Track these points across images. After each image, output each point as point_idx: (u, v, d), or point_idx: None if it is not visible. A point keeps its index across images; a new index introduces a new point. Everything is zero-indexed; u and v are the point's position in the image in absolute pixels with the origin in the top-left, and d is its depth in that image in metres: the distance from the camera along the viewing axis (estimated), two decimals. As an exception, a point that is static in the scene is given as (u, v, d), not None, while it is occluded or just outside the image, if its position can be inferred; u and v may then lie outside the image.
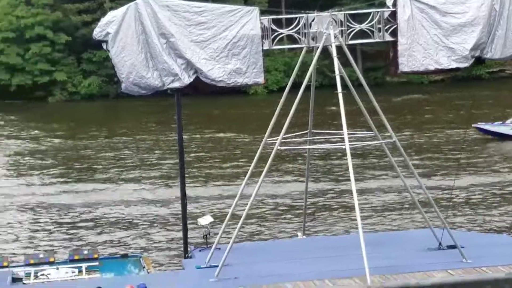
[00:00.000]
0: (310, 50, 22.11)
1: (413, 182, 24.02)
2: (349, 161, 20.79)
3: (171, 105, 28.30)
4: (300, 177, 39.67)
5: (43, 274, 23.41)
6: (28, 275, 23.34)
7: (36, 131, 60.42)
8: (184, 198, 24.25)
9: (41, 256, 24.95)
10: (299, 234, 27.01)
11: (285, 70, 78.47)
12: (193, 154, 47.67)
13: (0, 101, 78.56)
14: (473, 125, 49.86)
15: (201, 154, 48.31)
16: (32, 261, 24.30)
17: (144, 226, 33.25)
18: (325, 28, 21.62)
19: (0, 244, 31.68)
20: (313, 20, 21.85)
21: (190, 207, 28.32)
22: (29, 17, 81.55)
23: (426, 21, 22.63)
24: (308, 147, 24.95)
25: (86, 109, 74.91)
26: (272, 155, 21.41)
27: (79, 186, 42.01)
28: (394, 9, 22.39)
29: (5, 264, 24.09)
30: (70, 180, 43.84)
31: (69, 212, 36.18)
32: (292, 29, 21.97)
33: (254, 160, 22.08)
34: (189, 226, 25.16)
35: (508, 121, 49.69)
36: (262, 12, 22.14)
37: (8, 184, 43.65)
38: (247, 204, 22.11)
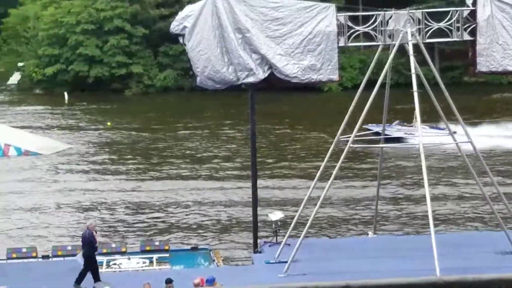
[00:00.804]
0: (386, 48, 21.95)
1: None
2: (423, 160, 20.57)
3: (244, 100, 28.42)
4: (370, 176, 39.41)
5: (114, 264, 23.83)
6: (100, 264, 23.75)
7: (112, 123, 61.29)
8: (255, 193, 24.34)
9: (113, 245, 25.39)
10: (370, 232, 26.84)
11: (360, 67, 77.78)
12: (264, 150, 47.70)
13: (78, 92, 79.94)
14: (363, 126, 47.91)
15: (272, 149, 48.29)
16: (104, 250, 24.75)
17: (215, 220, 33.45)
18: (402, 26, 21.43)
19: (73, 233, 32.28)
20: (390, 18, 21.67)
21: (261, 203, 28.29)
22: (108, 10, 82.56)
23: (506, 21, 22.20)
24: (381, 145, 24.78)
25: (161, 102, 75.58)
26: (344, 153, 21.32)
27: (153, 178, 42.51)
28: (473, 8, 22.04)
29: (78, 252, 24.58)
30: (144, 172, 44.37)
31: (142, 204, 36.66)
32: (368, 26, 21.83)
33: (326, 157, 22.03)
34: (259, 221, 25.23)
35: (393, 124, 49.59)
36: (339, 9, 22.05)
37: (83, 174, 44.42)
38: (317, 201, 22.06)
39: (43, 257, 24.78)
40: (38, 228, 33.20)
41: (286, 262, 21.61)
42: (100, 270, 23.35)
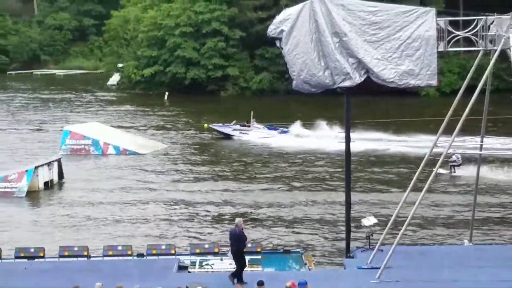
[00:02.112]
0: (487, 53, 21.45)
1: None
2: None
3: (339, 103, 28.26)
4: (466, 186, 38.65)
5: (207, 264, 24.03)
6: (193, 263, 24.03)
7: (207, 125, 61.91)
8: (348, 197, 24.19)
9: (206, 246, 25.63)
10: (466, 241, 26.30)
11: (459, 72, 76.37)
12: (357, 154, 47.26)
13: (175, 94, 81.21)
14: (209, 126, 58.68)
15: (365, 154, 47.82)
16: (197, 251, 25.03)
17: (307, 224, 33.37)
18: (504, 31, 20.90)
19: (165, 233, 32.71)
20: (492, 23, 21.18)
21: (353, 208, 28.10)
22: (207, 13, 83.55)
23: None
24: (479, 152, 24.24)
25: (256, 104, 75.92)
26: (441, 159, 20.94)
27: (247, 179, 42.75)
28: None
29: (172, 252, 24.95)
30: (238, 173, 44.64)
31: (230, 206, 36.81)
32: (469, 31, 21.39)
33: (422, 163, 21.69)
34: (352, 227, 25.06)
35: (231, 124, 57.68)
36: (438, 13, 21.68)
37: (179, 174, 44.99)
38: (411, 207, 21.76)
39: (138, 255, 25.22)
40: (135, 226, 33.77)
41: (379, 268, 21.38)
42: (193, 270, 23.64)
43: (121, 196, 39.36)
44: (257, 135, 56.20)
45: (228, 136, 56.86)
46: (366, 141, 48.75)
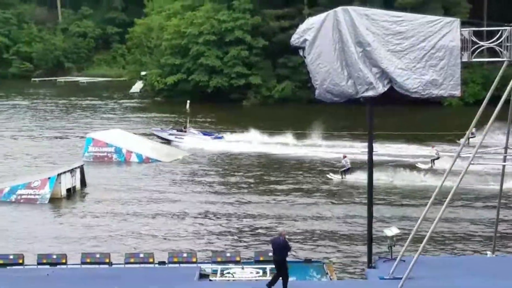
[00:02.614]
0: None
1: None
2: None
3: (361, 113, 28.18)
4: (490, 198, 38.38)
5: (228, 273, 24.00)
6: (214, 272, 24.02)
7: (228, 133, 61.95)
8: (370, 207, 24.09)
9: (228, 254, 25.61)
10: (489, 252, 26.12)
11: (483, 82, 75.99)
12: (382, 161, 47.19)
13: (197, 102, 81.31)
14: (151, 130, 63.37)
15: (387, 164, 47.63)
16: (219, 259, 25.00)
17: (328, 234, 33.29)
18: (529, 42, 20.78)
19: (184, 241, 32.75)
20: (516, 33, 21.05)
21: (375, 219, 28.00)
22: (230, 21, 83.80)
23: None
24: (503, 163, 24.07)
25: (279, 113, 76.06)
26: (464, 171, 20.82)
27: (267, 190, 42.75)
28: None
29: (194, 260, 24.96)
30: (259, 183, 44.62)
31: (256, 215, 36.79)
32: (493, 41, 21.26)
33: (445, 174, 21.58)
34: (374, 237, 24.95)
35: (167, 129, 62.32)
36: (463, 24, 21.58)
37: (198, 184, 45.06)
38: (434, 218, 21.64)
39: (160, 263, 25.26)
40: (156, 234, 33.84)
41: (401, 278, 21.27)
42: (214, 279, 23.64)
43: (143, 204, 39.47)
44: (191, 140, 58.57)
45: (167, 141, 59.30)
46: (387, 149, 48.78)
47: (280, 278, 21.49)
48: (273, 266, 24.10)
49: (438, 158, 48.39)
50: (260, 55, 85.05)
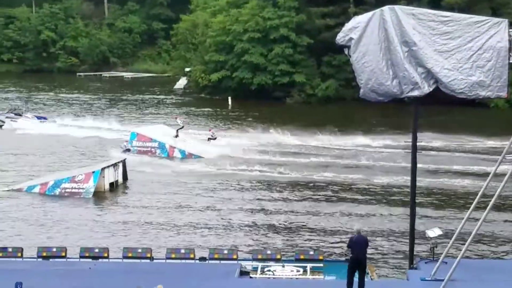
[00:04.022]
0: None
1: None
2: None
3: (406, 113, 27.99)
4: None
5: (269, 270, 24.01)
6: (255, 269, 24.04)
7: (271, 131, 61.97)
8: (413, 207, 23.92)
9: (269, 252, 25.62)
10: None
11: (530, 84, 75.02)
12: (422, 164, 46.75)
13: (241, 99, 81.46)
14: None
15: (430, 164, 47.22)
16: (259, 256, 25.02)
17: (371, 233, 33.10)
18: None
19: (225, 238, 32.82)
20: None
21: (418, 220, 27.76)
22: (275, 19, 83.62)
23: None
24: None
25: (322, 111, 75.82)
26: (509, 172, 20.53)
27: (309, 189, 42.67)
28: None
29: (235, 257, 25.02)
30: (301, 183, 44.56)
31: (292, 215, 36.68)
32: (542, 43, 20.95)
33: (490, 176, 21.31)
34: (416, 237, 24.76)
35: (4, 112, 68.67)
36: (511, 24, 21.29)
37: (240, 179, 45.08)
38: (477, 220, 21.39)
39: (200, 259, 25.35)
40: (196, 230, 33.98)
41: (443, 280, 21.08)
42: (254, 276, 23.65)
43: (184, 200, 39.64)
44: (24, 123, 64.96)
45: (2, 122, 66.37)
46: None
47: (356, 274, 21.44)
48: (314, 264, 24.10)
49: (214, 138, 55.25)
50: (304, 53, 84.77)
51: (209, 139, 55.81)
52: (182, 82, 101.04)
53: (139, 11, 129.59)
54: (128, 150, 52.68)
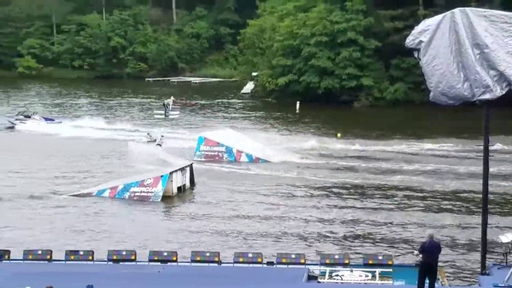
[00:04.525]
0: None
1: None
2: None
3: (476, 116, 27.50)
4: None
5: (337, 275, 23.86)
6: (323, 274, 23.91)
7: (338, 135, 61.63)
8: (485, 213, 23.49)
9: (337, 257, 25.46)
10: None
11: None
12: (494, 168, 45.90)
13: (308, 103, 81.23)
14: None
15: (502, 168, 46.30)
16: (327, 261, 24.89)
17: (443, 238, 32.62)
18: None
19: (294, 244, 32.72)
20: None
21: (490, 224, 27.24)
22: (343, 22, 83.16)
23: None
24: None
25: (391, 115, 75.16)
26: None
27: (374, 194, 42.30)
28: None
29: (302, 261, 24.94)
30: (366, 187, 44.18)
31: (360, 221, 36.32)
32: None
33: None
34: (488, 242, 24.31)
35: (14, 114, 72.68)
36: None
37: (308, 185, 44.94)
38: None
39: (268, 263, 25.32)
40: (263, 235, 33.97)
41: (516, 287, 20.67)
42: (322, 280, 23.52)
43: (250, 205, 39.63)
44: (32, 124, 68.41)
45: (12, 124, 69.55)
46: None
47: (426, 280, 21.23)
48: (383, 269, 23.86)
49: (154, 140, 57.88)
50: (372, 56, 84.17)
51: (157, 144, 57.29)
52: (249, 87, 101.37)
53: (207, 16, 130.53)
54: (159, 145, 55.97)
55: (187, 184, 43.95)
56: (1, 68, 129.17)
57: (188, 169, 44.30)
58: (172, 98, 77.83)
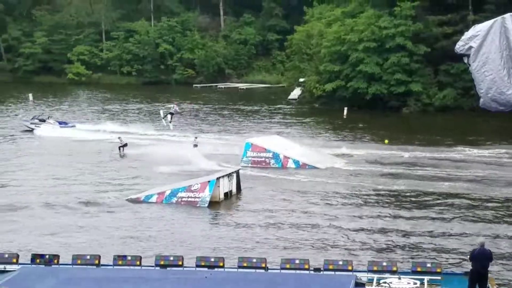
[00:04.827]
0: None
1: None
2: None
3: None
4: None
5: (385, 282, 23.62)
6: (370, 281, 23.70)
7: (386, 141, 61.25)
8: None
9: (384, 264, 25.20)
10: None
11: None
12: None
13: (355, 109, 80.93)
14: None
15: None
16: (375, 268, 24.62)
17: (493, 245, 32.15)
18: None
19: (341, 251, 32.52)
20: None
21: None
22: (391, 28, 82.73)
23: None
24: None
25: (439, 121, 74.49)
26: None
27: (421, 205, 41.88)
28: None
29: (349, 268, 24.72)
30: (412, 196, 43.78)
31: (409, 230, 35.95)
32: None
33: None
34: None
35: (30, 118, 74.88)
36: None
37: (356, 192, 44.66)
38: None
39: (315, 269, 25.19)
40: (313, 242, 33.84)
41: None
42: (370, 287, 23.34)
43: (298, 212, 39.44)
44: (46, 128, 70.12)
45: (30, 129, 71.13)
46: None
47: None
48: (432, 277, 23.56)
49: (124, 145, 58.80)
50: (421, 62, 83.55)
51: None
52: (296, 93, 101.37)
53: (255, 22, 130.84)
54: (196, 145, 57.80)
55: (234, 190, 44.01)
56: (52, 74, 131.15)
57: (234, 175, 44.38)
58: (175, 105, 77.13)
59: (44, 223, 37.35)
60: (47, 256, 25.98)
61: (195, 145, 57.96)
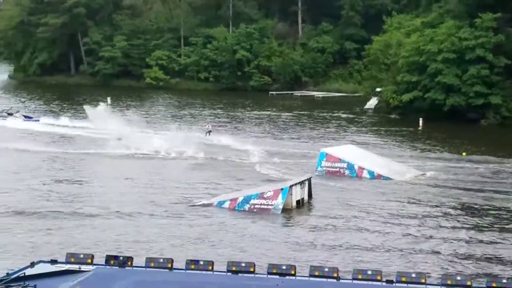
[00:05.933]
0: None
1: None
2: None
3: None
4: None
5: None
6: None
7: (463, 154, 60.27)
8: None
9: (459, 278, 24.71)
10: None
11: None
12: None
13: (432, 120, 79.91)
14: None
15: None
16: (449, 282, 23.97)
17: None
18: None
19: (415, 264, 32.11)
20: None
21: None
22: (472, 39, 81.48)
23: None
24: None
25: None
26: None
27: (495, 218, 41.03)
28: None
29: (423, 280, 24.14)
30: (486, 212, 42.92)
31: (482, 241, 35.25)
32: None
33: None
34: None
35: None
36: None
37: (435, 206, 44.01)
38: None
39: (387, 281, 24.88)
40: (380, 253, 33.53)
41: None
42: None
43: (370, 223, 39.07)
44: (13, 122, 75.92)
45: None
46: None
47: None
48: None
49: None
50: (501, 74, 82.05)
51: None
52: (372, 102, 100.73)
53: (333, 31, 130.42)
54: (209, 131, 65.17)
55: (306, 197, 43.94)
56: (131, 78, 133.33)
57: (306, 182, 44.30)
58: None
59: (120, 226, 37.95)
60: (121, 258, 26.33)
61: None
